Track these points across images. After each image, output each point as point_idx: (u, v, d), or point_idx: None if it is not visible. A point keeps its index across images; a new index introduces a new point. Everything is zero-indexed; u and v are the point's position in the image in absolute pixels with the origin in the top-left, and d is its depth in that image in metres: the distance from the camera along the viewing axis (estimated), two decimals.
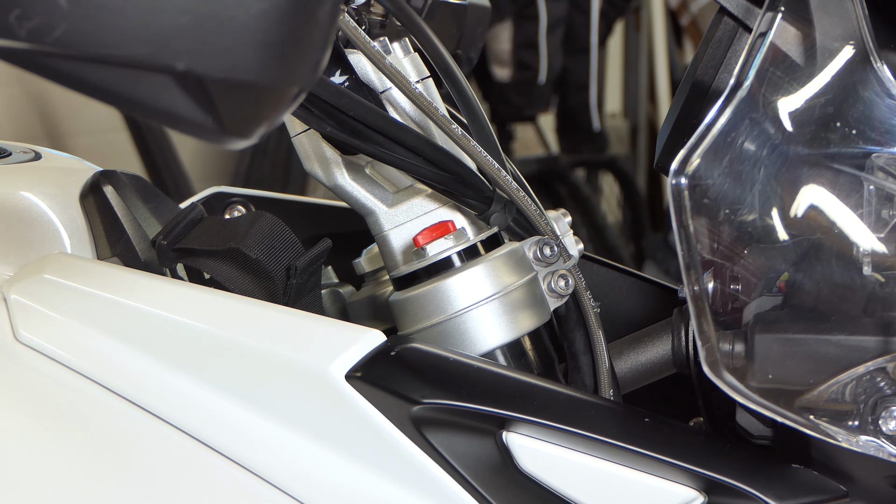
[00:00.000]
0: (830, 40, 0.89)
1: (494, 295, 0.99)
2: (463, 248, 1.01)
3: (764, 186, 0.88)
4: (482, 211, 1.01)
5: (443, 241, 1.01)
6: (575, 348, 1.05)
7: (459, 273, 0.99)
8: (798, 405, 0.89)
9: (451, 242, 1.01)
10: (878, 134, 0.88)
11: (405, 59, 1.08)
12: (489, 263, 0.99)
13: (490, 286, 0.99)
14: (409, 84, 0.98)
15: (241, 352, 0.96)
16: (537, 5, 4.53)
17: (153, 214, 1.13)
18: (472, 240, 1.03)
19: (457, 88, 1.02)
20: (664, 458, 0.92)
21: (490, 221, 1.02)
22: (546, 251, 1.02)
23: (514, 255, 1.01)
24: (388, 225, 1.06)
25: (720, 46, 0.96)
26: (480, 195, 1.01)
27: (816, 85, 0.89)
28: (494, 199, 1.01)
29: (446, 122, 0.99)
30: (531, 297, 1.01)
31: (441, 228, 1.03)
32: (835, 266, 0.88)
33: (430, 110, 0.99)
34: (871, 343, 0.88)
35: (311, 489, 0.94)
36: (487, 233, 1.04)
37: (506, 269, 1.00)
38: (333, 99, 0.94)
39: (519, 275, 1.00)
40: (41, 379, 1.01)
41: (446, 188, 1.00)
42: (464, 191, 1.01)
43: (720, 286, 0.88)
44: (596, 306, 1.05)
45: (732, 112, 0.87)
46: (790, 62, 0.89)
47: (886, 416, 0.88)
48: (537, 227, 1.03)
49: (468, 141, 1.00)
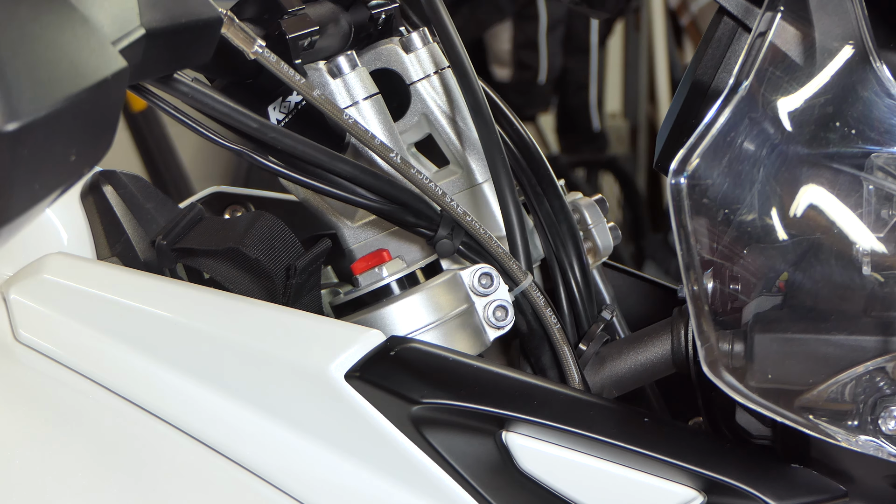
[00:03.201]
0: (830, 40, 0.89)
1: (430, 324, 0.99)
2: (399, 277, 1.01)
3: (763, 186, 0.88)
4: (429, 237, 1.01)
5: (374, 272, 1.02)
6: (542, 364, 1.04)
7: (395, 302, 0.99)
8: (798, 405, 0.89)
9: (385, 272, 1.01)
10: (877, 134, 0.88)
11: (352, 75, 1.05)
12: (426, 293, 0.99)
13: (426, 315, 0.99)
14: (340, 113, 0.97)
15: (240, 352, 0.96)
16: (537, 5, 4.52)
17: (153, 214, 1.13)
18: (409, 268, 1.03)
19: (466, 83, 1.02)
20: (664, 458, 0.92)
21: (436, 248, 1.01)
22: (483, 281, 1.01)
23: (453, 283, 1.01)
24: (353, 242, 1.06)
25: (720, 46, 0.96)
26: (427, 221, 1.01)
27: (816, 85, 0.89)
28: (441, 224, 1.01)
29: (384, 150, 0.98)
30: (468, 326, 1.01)
31: (376, 258, 1.03)
32: (834, 266, 0.88)
33: (364, 139, 0.97)
34: (870, 343, 0.88)
35: (311, 489, 0.94)
36: (427, 260, 1.04)
37: (443, 298, 1.00)
38: (259, 134, 0.94)
39: (455, 304, 1.00)
40: (41, 379, 1.01)
41: (389, 216, 1.00)
42: (407, 218, 1.00)
43: (719, 286, 0.88)
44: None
45: (732, 112, 0.87)
46: (789, 62, 0.89)
47: (886, 416, 0.88)
48: (488, 249, 1.02)
49: (409, 167, 0.99)
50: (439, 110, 1.10)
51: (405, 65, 1.10)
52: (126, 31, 0.77)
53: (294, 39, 0.99)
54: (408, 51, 1.10)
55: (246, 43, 0.90)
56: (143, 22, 0.78)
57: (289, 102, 1.05)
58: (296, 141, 0.95)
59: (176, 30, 0.82)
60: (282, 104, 1.05)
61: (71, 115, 0.67)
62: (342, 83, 1.04)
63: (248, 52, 0.90)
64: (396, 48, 1.09)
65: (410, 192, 0.99)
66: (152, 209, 1.13)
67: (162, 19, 0.81)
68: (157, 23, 0.80)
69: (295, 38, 0.99)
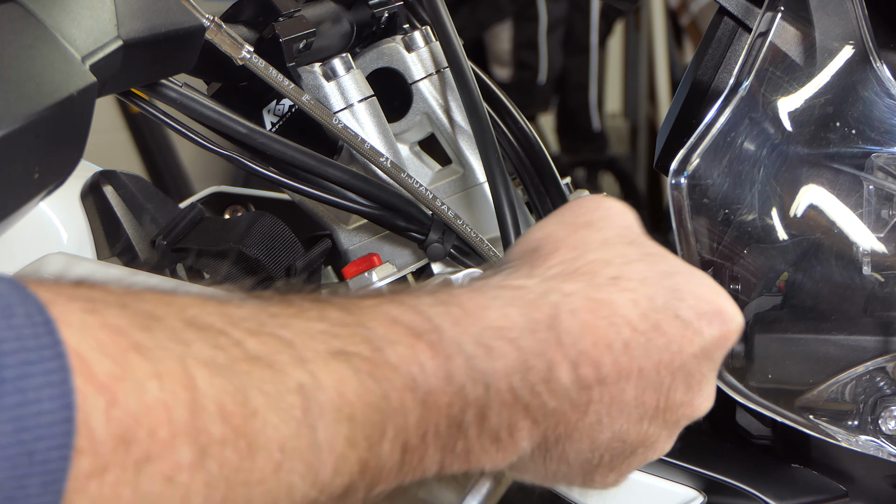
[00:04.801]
0: (830, 40, 0.89)
1: None
2: (389, 282, 1.01)
3: (763, 186, 0.88)
4: (420, 241, 1.01)
5: (364, 277, 1.01)
6: None
7: None
8: (798, 405, 0.89)
9: (374, 277, 1.01)
10: (877, 134, 0.88)
11: (347, 78, 1.04)
12: None
13: None
14: (329, 118, 0.97)
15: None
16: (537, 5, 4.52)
17: (153, 214, 1.13)
18: (399, 273, 1.02)
19: (463, 84, 1.02)
20: (664, 457, 0.92)
21: (427, 252, 1.01)
22: None
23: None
24: (348, 244, 1.06)
25: (720, 46, 0.96)
26: (418, 225, 1.01)
27: (816, 85, 0.89)
28: (432, 228, 1.01)
29: (374, 155, 0.98)
30: None
31: (366, 262, 1.03)
32: (834, 266, 0.88)
33: (354, 143, 0.97)
34: (870, 343, 0.88)
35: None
36: (419, 264, 1.04)
37: None
38: (247, 139, 0.94)
39: None
40: None
41: (380, 220, 1.00)
42: (398, 222, 1.00)
43: None
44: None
45: (732, 112, 0.87)
46: (790, 62, 0.89)
47: (886, 416, 0.88)
48: (480, 253, 1.02)
49: (399, 171, 0.99)
50: (441, 109, 1.10)
51: (407, 64, 1.09)
52: (102, 42, 0.76)
53: (288, 42, 0.98)
54: (410, 50, 1.10)
55: (233, 49, 0.90)
56: (120, 33, 0.78)
57: (282, 106, 1.04)
58: (285, 146, 0.95)
59: (156, 40, 0.81)
60: (276, 108, 1.05)
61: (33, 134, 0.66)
62: (336, 86, 1.03)
63: (235, 58, 0.90)
64: (398, 47, 1.09)
65: (401, 197, 0.99)
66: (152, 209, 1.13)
67: (141, 30, 0.80)
68: (136, 33, 0.79)
69: (289, 41, 0.98)
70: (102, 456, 0.49)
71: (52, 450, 0.48)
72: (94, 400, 0.49)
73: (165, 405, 0.51)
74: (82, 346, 0.50)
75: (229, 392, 0.54)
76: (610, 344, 0.68)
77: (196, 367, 0.53)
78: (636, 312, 0.69)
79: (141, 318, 0.53)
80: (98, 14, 0.77)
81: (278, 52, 0.98)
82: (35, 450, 0.47)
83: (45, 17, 0.72)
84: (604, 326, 0.68)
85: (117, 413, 0.50)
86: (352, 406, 0.58)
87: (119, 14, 0.78)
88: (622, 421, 0.70)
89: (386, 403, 0.60)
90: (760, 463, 0.94)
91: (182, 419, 0.52)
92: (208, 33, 0.87)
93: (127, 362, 0.51)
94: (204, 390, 0.53)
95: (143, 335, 0.52)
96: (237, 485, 0.54)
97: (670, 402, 0.72)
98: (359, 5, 1.10)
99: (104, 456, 0.49)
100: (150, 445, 0.51)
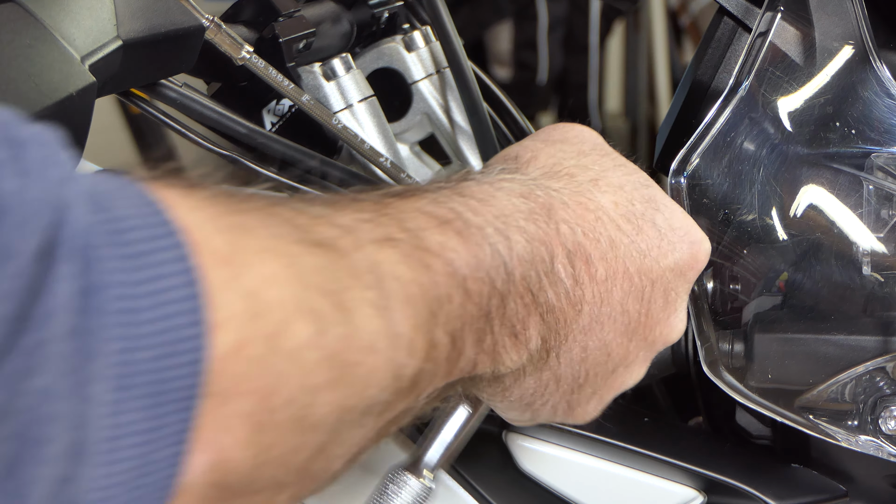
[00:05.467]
0: (830, 40, 0.89)
1: None
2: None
3: (763, 186, 0.88)
4: None
5: None
6: None
7: None
8: (797, 405, 0.89)
9: None
10: (877, 134, 0.88)
11: (346, 78, 1.04)
12: None
13: None
14: (329, 118, 0.97)
15: None
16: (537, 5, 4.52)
17: None
18: None
19: (463, 84, 1.02)
20: (664, 458, 0.92)
21: None
22: None
23: None
24: None
25: (719, 46, 0.96)
26: None
27: (816, 85, 0.89)
28: None
29: (373, 155, 0.98)
30: None
31: None
32: (834, 266, 0.88)
33: (354, 144, 0.97)
34: (870, 343, 0.88)
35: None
36: None
37: None
38: (247, 139, 0.94)
39: None
40: None
41: None
42: None
43: (720, 286, 0.88)
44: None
45: (732, 112, 0.87)
46: (789, 62, 0.89)
47: (886, 416, 0.88)
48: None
49: (399, 171, 0.99)
50: (441, 109, 1.10)
51: (407, 64, 1.10)
52: (101, 42, 0.76)
53: (288, 42, 0.98)
54: (410, 50, 1.10)
55: (233, 49, 0.90)
56: (120, 33, 0.78)
57: (282, 106, 1.04)
58: (285, 146, 0.95)
59: (156, 40, 0.82)
60: (276, 108, 1.05)
61: None
62: (336, 86, 1.03)
63: (235, 59, 0.90)
64: (398, 47, 1.09)
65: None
66: None
67: (141, 30, 0.80)
68: (135, 33, 0.79)
69: (289, 41, 0.98)
70: (238, 330, 0.49)
71: (186, 327, 0.47)
72: (216, 273, 0.48)
73: (278, 280, 0.51)
74: (192, 224, 0.49)
75: (321, 269, 0.54)
76: (598, 238, 0.71)
77: (289, 245, 0.53)
78: (618, 213, 0.73)
79: (233, 202, 0.54)
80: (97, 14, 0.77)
81: (278, 52, 0.98)
82: (175, 325, 0.47)
83: (45, 16, 0.72)
84: (592, 220, 0.71)
85: (242, 286, 0.49)
86: (408, 288, 0.58)
87: (118, 14, 0.78)
88: (609, 328, 0.73)
89: (435, 288, 0.60)
90: (760, 463, 0.94)
91: (295, 294, 0.51)
92: (208, 33, 0.87)
93: (235, 238, 0.51)
94: (304, 266, 0.53)
95: (240, 217, 0.52)
96: (344, 365, 0.53)
97: (650, 316, 0.74)
98: (359, 5, 1.10)
99: (240, 330, 0.49)
100: (279, 318, 0.50)
